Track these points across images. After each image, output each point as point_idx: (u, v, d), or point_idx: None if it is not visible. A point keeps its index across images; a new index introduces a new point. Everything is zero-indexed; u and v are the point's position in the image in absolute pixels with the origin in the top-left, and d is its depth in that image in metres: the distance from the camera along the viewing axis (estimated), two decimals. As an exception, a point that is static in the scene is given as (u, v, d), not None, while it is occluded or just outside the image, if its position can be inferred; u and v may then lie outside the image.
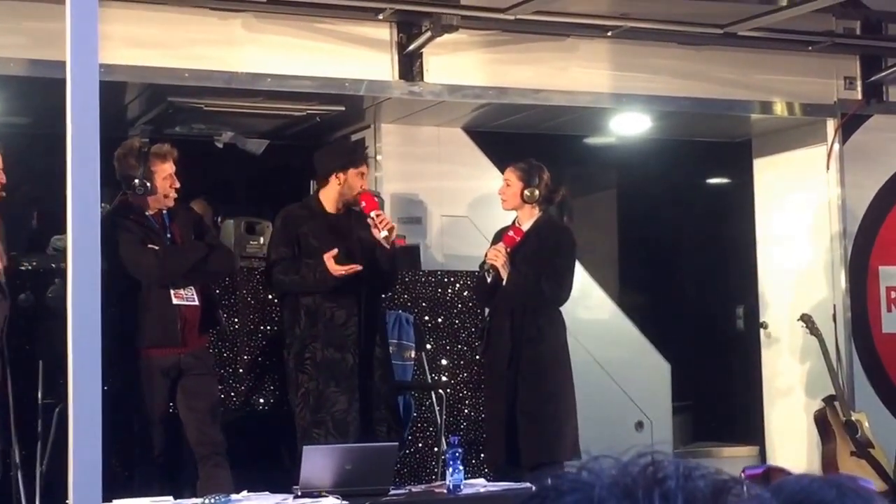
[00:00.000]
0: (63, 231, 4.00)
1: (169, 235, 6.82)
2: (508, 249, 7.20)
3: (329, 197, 7.19)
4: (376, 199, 7.22)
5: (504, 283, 7.18)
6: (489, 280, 7.24)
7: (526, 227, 7.31)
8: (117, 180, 6.78)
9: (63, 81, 3.97)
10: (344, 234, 7.07)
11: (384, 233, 6.91)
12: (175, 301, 6.69)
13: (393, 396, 7.42)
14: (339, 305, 6.99)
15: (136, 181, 6.66)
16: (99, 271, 3.94)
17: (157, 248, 6.70)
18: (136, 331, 6.63)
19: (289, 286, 7.10)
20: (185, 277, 6.75)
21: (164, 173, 6.73)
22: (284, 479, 6.32)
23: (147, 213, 6.79)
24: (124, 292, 6.62)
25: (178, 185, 6.79)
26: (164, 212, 6.84)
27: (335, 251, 6.88)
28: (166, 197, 6.77)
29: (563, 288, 7.28)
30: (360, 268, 6.88)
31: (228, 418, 7.14)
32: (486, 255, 7.29)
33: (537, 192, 7.30)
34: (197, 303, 6.78)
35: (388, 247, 7.00)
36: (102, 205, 6.87)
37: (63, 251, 4.53)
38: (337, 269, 6.84)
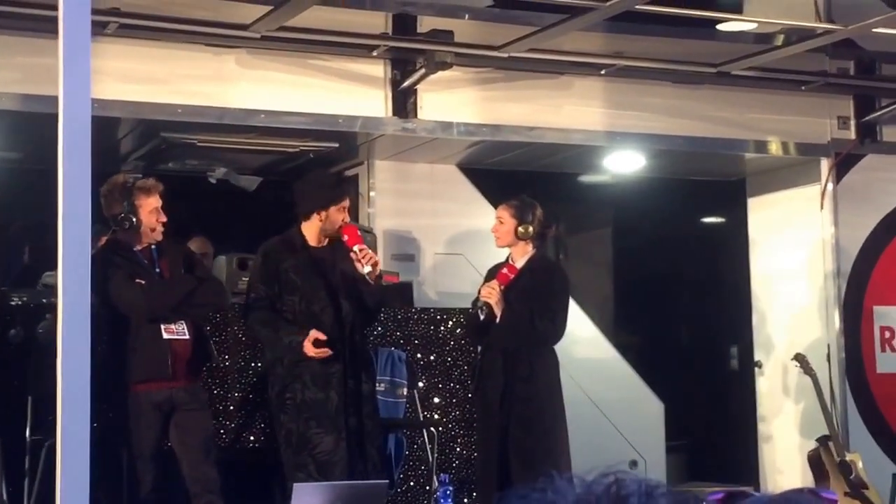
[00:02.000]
0: (55, 267, 3.98)
1: (158, 270, 6.79)
2: (502, 287, 7.17)
3: (311, 230, 7.02)
4: (360, 232, 7.04)
5: (497, 320, 7.16)
6: (482, 317, 7.19)
7: (520, 264, 7.28)
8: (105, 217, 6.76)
9: (55, 116, 3.96)
10: (326, 268, 6.96)
11: (367, 268, 6.71)
12: (166, 336, 6.65)
13: (380, 434, 7.25)
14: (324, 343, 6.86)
15: (122, 216, 6.63)
16: (89, 307, 3.91)
17: (143, 282, 6.68)
18: (126, 366, 6.59)
19: (262, 339, 7.06)
20: (174, 311, 6.72)
21: (150, 207, 6.70)
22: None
23: (135, 249, 6.76)
24: (115, 328, 6.60)
25: (164, 219, 6.74)
26: (153, 247, 6.80)
27: (318, 335, 6.71)
28: (153, 231, 6.73)
29: (556, 326, 7.25)
30: (330, 352, 6.73)
31: (219, 455, 7.10)
32: (479, 293, 7.26)
33: (531, 229, 7.27)
34: (188, 337, 6.74)
35: (372, 282, 6.84)
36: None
37: (54, 287, 4.50)
38: (311, 350, 6.69)
